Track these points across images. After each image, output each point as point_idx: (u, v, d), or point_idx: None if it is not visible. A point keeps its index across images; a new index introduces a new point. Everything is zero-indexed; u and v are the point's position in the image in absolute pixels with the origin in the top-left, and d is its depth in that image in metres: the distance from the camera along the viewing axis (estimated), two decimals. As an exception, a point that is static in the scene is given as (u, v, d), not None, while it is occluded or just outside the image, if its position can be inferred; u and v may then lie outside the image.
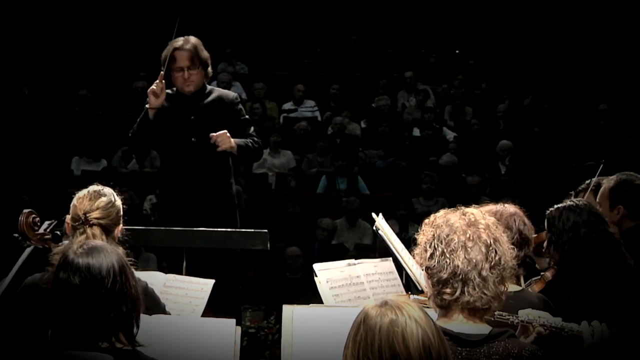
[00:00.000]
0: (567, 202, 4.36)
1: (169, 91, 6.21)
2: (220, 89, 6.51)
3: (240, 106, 6.30)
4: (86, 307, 2.84)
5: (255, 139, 6.25)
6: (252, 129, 6.32)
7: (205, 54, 6.17)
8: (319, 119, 13.59)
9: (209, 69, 6.23)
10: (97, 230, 3.91)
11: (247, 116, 6.40)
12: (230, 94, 6.38)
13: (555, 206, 4.35)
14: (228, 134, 5.95)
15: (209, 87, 6.29)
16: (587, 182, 5.35)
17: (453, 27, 16.31)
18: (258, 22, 16.16)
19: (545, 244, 4.35)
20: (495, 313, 3.12)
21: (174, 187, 6.15)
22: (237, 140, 6.04)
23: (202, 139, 6.06)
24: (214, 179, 6.12)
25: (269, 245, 5.57)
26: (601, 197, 4.97)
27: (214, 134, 5.93)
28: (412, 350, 2.46)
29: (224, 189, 6.17)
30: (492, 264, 2.97)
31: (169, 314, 4.21)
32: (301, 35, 16.27)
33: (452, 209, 3.12)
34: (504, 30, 15.99)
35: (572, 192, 5.38)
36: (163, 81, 5.98)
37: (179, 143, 6.10)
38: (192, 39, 6.17)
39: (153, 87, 6.00)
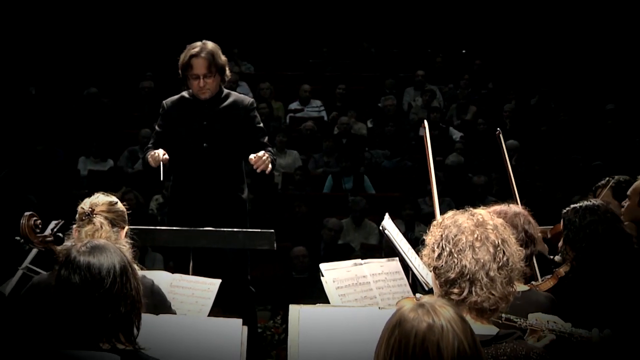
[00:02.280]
0: (584, 202, 4.41)
1: (184, 94, 6.19)
2: (237, 94, 6.40)
3: (255, 112, 6.23)
4: (85, 306, 2.84)
5: (272, 150, 6.17)
6: (266, 138, 6.23)
7: (222, 60, 6.08)
8: (325, 118, 13.58)
9: (227, 73, 6.15)
10: (104, 221, 3.98)
11: (261, 124, 6.29)
12: (246, 99, 6.30)
13: (572, 206, 4.40)
14: (265, 156, 5.86)
15: (225, 91, 6.21)
16: (607, 178, 5.41)
17: (460, 27, 16.29)
18: (264, 22, 16.16)
19: (560, 243, 4.40)
20: (503, 315, 3.11)
21: (186, 191, 6.12)
22: (271, 159, 5.95)
23: (213, 145, 6.05)
24: (225, 184, 6.10)
25: (275, 245, 5.58)
26: (632, 192, 5.01)
27: (253, 157, 5.84)
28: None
29: (236, 194, 6.15)
30: (500, 264, 2.97)
31: (175, 312, 4.22)
32: (307, 35, 16.26)
33: (460, 210, 3.11)
34: (510, 30, 15.97)
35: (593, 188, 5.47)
36: (165, 156, 5.83)
37: (191, 148, 6.06)
38: (209, 45, 6.07)
39: (150, 158, 5.87)
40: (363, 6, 16.50)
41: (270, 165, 5.91)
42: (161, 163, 5.77)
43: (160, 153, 5.82)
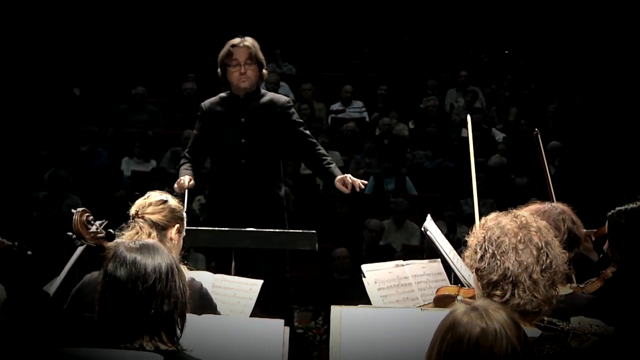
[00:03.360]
0: (629, 205, 4.38)
1: (222, 94, 6.27)
2: (273, 93, 6.52)
3: (292, 110, 6.28)
4: (128, 300, 2.89)
5: (322, 148, 6.30)
6: (308, 130, 6.32)
7: (261, 54, 6.20)
8: (367, 119, 13.58)
9: (264, 70, 6.24)
10: (145, 225, 3.98)
11: (301, 119, 6.37)
12: (282, 97, 6.38)
13: (617, 208, 4.37)
14: (347, 178, 5.95)
15: (262, 91, 6.31)
16: None
17: (502, 28, 16.20)
18: (306, 23, 16.19)
19: (606, 245, 4.37)
20: (546, 319, 3.09)
21: (223, 188, 6.18)
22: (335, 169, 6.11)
23: (252, 141, 6.09)
24: (263, 181, 6.13)
25: (316, 246, 5.59)
26: None
27: (341, 185, 5.93)
28: None
29: (273, 191, 6.18)
30: (543, 267, 2.95)
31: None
32: (349, 36, 16.26)
33: (503, 212, 3.10)
34: (553, 30, 15.86)
35: None
36: (191, 183, 5.86)
37: (229, 145, 6.12)
38: (249, 38, 6.20)
39: (176, 185, 5.93)
40: (404, 7, 16.47)
41: (360, 183, 5.95)
42: (186, 191, 5.83)
43: (186, 180, 5.87)
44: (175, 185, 5.94)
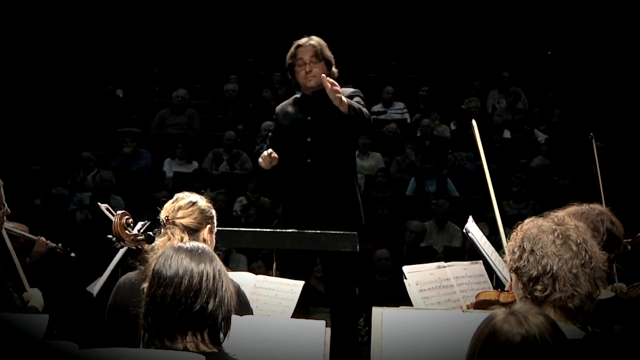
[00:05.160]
0: None
1: (295, 95, 6.27)
2: (344, 88, 6.15)
3: (356, 98, 6.07)
4: (174, 296, 2.92)
5: (364, 108, 6.01)
6: (363, 104, 6.04)
7: (328, 52, 6.16)
8: (409, 121, 13.55)
9: (334, 68, 6.17)
10: (176, 230, 3.93)
11: (363, 103, 6.08)
12: (349, 89, 6.17)
13: None
14: (339, 91, 5.72)
15: None
16: None
17: (545, 28, 16.11)
18: (347, 25, 16.19)
19: None
20: (589, 328, 3.07)
21: (294, 190, 6.14)
22: (349, 100, 5.81)
23: (317, 140, 6.04)
24: (330, 180, 6.05)
25: (358, 247, 5.58)
26: None
27: (328, 82, 5.68)
28: None
29: (344, 189, 6.09)
30: (583, 262, 2.94)
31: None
32: (390, 37, 16.25)
33: (540, 215, 3.09)
34: (597, 30, 15.74)
35: None
36: (274, 155, 5.86)
37: (296, 144, 6.09)
38: (315, 38, 6.18)
39: (260, 159, 5.94)
40: (446, 8, 16.43)
41: (343, 98, 5.70)
42: (270, 163, 5.83)
43: (265, 153, 5.88)
44: (260, 160, 5.94)
